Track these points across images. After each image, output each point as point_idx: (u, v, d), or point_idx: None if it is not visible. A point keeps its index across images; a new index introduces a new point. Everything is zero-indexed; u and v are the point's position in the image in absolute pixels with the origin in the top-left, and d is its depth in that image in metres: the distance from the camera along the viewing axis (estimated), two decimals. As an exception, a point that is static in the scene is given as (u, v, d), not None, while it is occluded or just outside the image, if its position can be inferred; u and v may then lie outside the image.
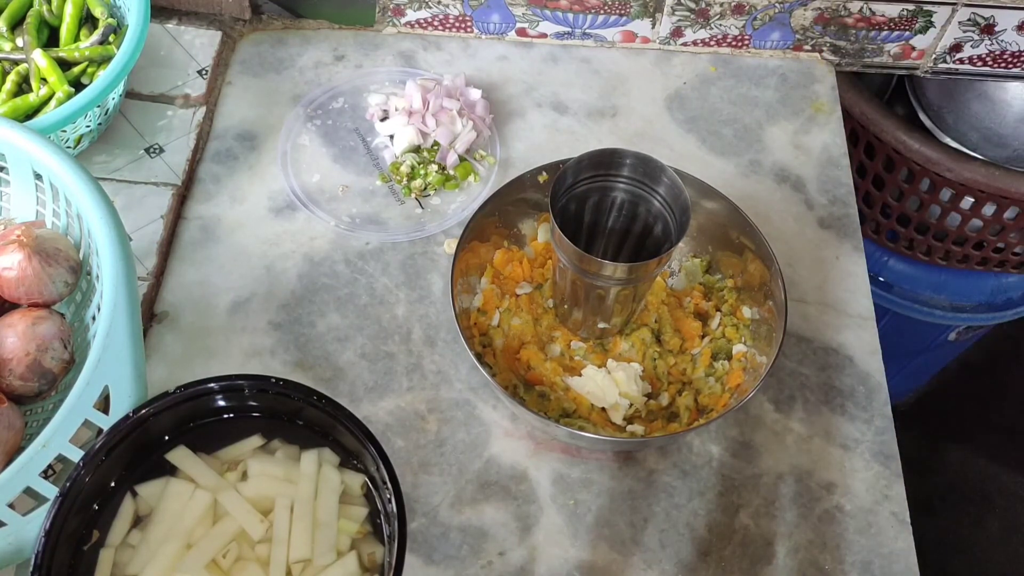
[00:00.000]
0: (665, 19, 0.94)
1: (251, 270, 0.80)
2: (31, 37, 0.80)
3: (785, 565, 0.69)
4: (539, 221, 0.80)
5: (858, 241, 0.86)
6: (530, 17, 0.95)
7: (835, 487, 0.73)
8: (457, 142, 0.85)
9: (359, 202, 0.85)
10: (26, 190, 0.69)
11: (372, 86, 0.92)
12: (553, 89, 0.94)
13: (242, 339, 0.76)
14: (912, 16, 0.94)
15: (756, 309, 0.75)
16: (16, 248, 0.64)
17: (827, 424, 0.76)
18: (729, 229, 0.76)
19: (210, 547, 0.56)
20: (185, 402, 0.58)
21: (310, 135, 0.88)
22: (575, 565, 0.69)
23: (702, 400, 0.73)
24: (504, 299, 0.77)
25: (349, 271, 0.81)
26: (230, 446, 0.60)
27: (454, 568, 0.68)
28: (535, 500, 0.71)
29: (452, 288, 0.70)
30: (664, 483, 0.72)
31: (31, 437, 0.59)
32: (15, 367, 0.63)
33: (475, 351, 0.70)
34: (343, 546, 0.57)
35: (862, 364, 0.79)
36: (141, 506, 0.58)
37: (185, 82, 0.89)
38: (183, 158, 0.84)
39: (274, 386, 0.59)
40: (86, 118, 0.77)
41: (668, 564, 0.69)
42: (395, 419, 0.73)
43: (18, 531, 0.55)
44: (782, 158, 0.90)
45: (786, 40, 0.97)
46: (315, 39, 0.95)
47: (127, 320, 0.61)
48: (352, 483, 0.59)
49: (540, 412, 0.71)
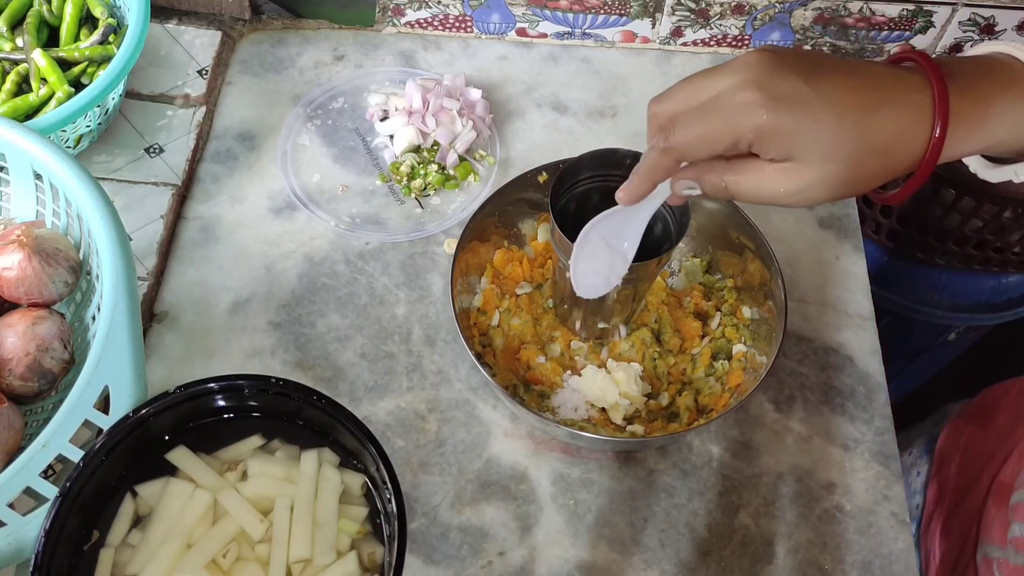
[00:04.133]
0: (665, 19, 0.94)
1: (251, 270, 0.80)
2: (31, 37, 0.80)
3: (785, 565, 0.69)
4: (539, 221, 0.80)
5: (858, 241, 0.86)
6: (530, 17, 0.95)
7: (835, 487, 0.73)
8: (457, 142, 0.85)
9: (359, 202, 0.85)
10: (26, 190, 0.69)
11: (372, 86, 0.92)
12: (553, 89, 0.94)
13: (242, 339, 0.76)
14: (912, 16, 0.94)
15: (756, 309, 0.75)
16: (16, 248, 0.64)
17: (827, 424, 0.76)
18: (729, 229, 0.76)
19: (210, 547, 0.56)
20: (185, 402, 0.58)
21: (310, 135, 0.88)
22: (575, 565, 0.69)
23: (702, 400, 0.73)
24: (504, 299, 0.77)
25: (349, 271, 0.81)
26: (230, 446, 0.60)
27: (454, 568, 0.68)
28: (535, 500, 0.71)
29: (452, 288, 0.70)
30: (664, 483, 0.72)
31: (31, 437, 0.59)
32: (15, 367, 0.63)
33: (475, 351, 0.70)
34: (343, 546, 0.57)
35: (862, 364, 0.79)
36: (141, 506, 0.58)
37: (185, 82, 0.89)
38: (183, 158, 0.84)
39: (274, 386, 0.59)
40: (86, 118, 0.77)
41: (668, 564, 0.69)
42: (395, 419, 0.73)
43: (18, 531, 0.55)
44: (782, 158, 0.90)
45: (786, 40, 0.97)
46: (315, 39, 0.95)
47: (127, 320, 0.61)
48: (352, 483, 0.59)
49: (540, 412, 0.71)
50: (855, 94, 0.49)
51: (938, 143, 0.50)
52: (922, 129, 0.50)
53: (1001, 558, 0.72)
